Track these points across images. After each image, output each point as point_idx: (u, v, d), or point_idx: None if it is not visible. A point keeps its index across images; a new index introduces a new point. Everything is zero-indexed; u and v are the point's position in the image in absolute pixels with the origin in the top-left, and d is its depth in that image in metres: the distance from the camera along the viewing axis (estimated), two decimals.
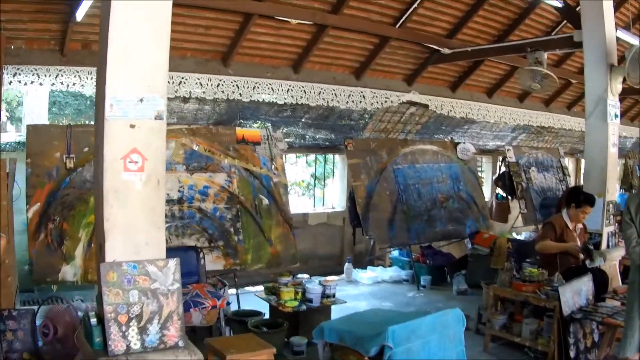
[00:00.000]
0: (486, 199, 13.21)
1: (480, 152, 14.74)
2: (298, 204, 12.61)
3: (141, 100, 4.07)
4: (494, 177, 13.45)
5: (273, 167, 8.40)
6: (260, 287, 7.93)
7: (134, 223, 4.09)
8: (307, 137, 11.21)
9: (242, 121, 9.82)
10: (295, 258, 8.40)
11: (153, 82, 4.14)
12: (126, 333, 3.95)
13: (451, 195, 11.23)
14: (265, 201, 8.24)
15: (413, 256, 10.73)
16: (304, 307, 7.00)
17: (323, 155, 12.34)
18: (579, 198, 7.18)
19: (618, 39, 8.51)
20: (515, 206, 12.44)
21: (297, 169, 13.35)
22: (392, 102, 10.85)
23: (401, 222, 10.20)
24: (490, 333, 6.99)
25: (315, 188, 12.95)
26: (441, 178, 11.19)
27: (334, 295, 7.34)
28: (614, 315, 5.96)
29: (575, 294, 6.19)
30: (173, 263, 4.18)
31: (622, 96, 16.73)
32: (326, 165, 12.57)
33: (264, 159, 8.39)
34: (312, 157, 12.55)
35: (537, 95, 14.20)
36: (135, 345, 3.97)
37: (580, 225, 7.37)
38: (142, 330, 4.00)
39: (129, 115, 4.04)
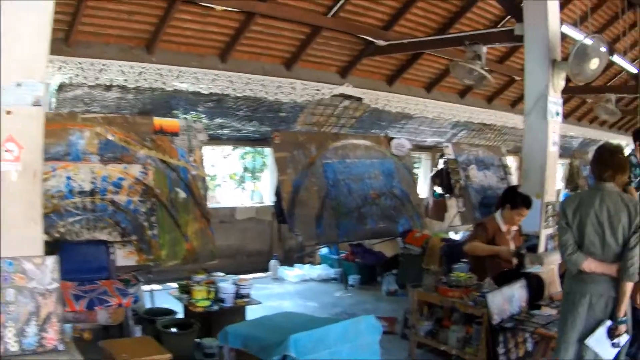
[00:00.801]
0: (424, 197, 13.26)
1: (418, 149, 14.76)
2: (226, 198, 12.48)
3: (19, 85, 3.88)
4: (431, 174, 13.35)
5: (191, 159, 8.16)
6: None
7: (9, 217, 3.85)
8: (237, 129, 11.01)
9: (172, 112, 9.66)
10: (213, 255, 8.20)
11: (32, 65, 3.93)
12: (3, 335, 3.76)
13: (384, 192, 11.08)
14: (182, 194, 8.01)
15: (343, 254, 10.65)
16: (215, 307, 6.80)
17: (257, 149, 12.24)
18: (514, 199, 6.99)
19: (565, 35, 8.48)
20: (453, 204, 12.47)
21: (230, 161, 13.23)
22: (323, 94, 10.72)
23: (330, 219, 10.03)
24: (416, 340, 6.72)
25: (247, 182, 12.85)
26: (373, 174, 11.04)
27: (248, 296, 7.17)
28: (548, 325, 5.77)
29: (506, 300, 6.00)
30: (51, 261, 3.97)
31: (569, 95, 17.13)
32: (260, 159, 12.50)
33: (182, 151, 8.14)
34: (247, 149, 12.43)
35: (479, 91, 14.28)
36: (13, 347, 3.76)
37: (515, 228, 7.18)
38: (20, 332, 3.80)
39: (5, 101, 3.85)
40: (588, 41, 7.42)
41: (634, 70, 12.67)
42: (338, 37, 10.37)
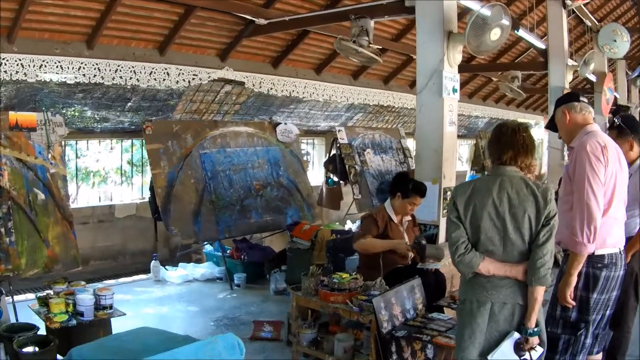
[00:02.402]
0: (317, 185, 13.24)
1: (311, 134, 14.75)
2: (109, 194, 12.18)
3: None
4: (324, 161, 13.32)
5: (50, 156, 7.83)
6: None
7: None
8: (110, 120, 10.61)
9: (36, 105, 9.31)
10: (76, 260, 7.89)
11: None
12: None
13: (269, 182, 10.96)
14: (41, 196, 7.68)
15: (228, 251, 10.42)
16: (74, 321, 6.27)
17: (134, 141, 12.00)
18: (406, 187, 6.72)
19: (463, 6, 8.47)
20: (348, 191, 12.48)
21: (114, 155, 12.89)
22: (201, 79, 10.44)
23: (209, 214, 9.82)
24: (299, 350, 6.32)
25: (134, 177, 12.53)
26: (257, 163, 10.90)
27: (111, 307, 6.59)
28: (448, 332, 5.26)
29: (398, 304, 5.64)
30: None
31: (474, 73, 17.39)
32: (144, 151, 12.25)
33: (39, 148, 7.79)
34: (127, 143, 12.07)
35: (374, 72, 14.34)
36: None
37: (408, 218, 6.96)
38: None
39: None
40: (486, 11, 7.33)
41: (542, 46, 12.83)
42: (215, 17, 10.09)
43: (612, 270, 4.51)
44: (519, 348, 3.90)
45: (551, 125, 5.08)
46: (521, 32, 11.92)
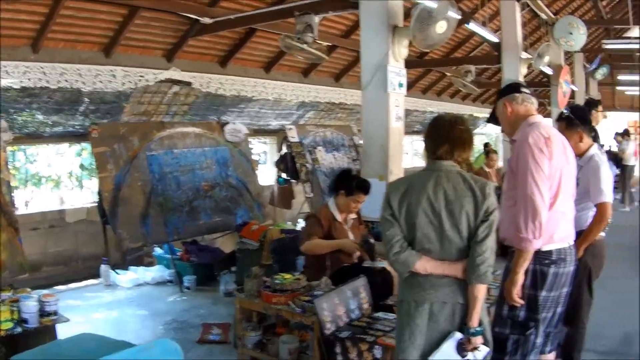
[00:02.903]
0: (269, 184, 13.37)
1: (262, 133, 14.88)
2: (60, 199, 12.14)
3: None
4: (275, 160, 13.42)
5: None
6: None
7: None
8: (59, 124, 10.57)
9: None
10: (23, 267, 7.93)
11: None
12: None
13: (218, 183, 11.04)
14: None
15: (178, 253, 10.50)
16: (19, 329, 6.28)
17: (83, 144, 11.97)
18: (349, 184, 6.66)
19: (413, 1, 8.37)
20: (300, 190, 12.63)
21: (65, 160, 12.87)
22: (147, 81, 10.48)
23: (157, 216, 9.88)
24: (245, 352, 6.32)
25: (86, 180, 12.51)
26: (205, 164, 10.98)
27: (55, 313, 6.59)
28: (393, 332, 4.96)
29: (341, 304, 5.52)
30: None
31: (427, 68, 17.60)
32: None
33: None
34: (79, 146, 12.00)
35: (325, 69, 14.49)
36: None
37: (352, 216, 6.90)
38: None
39: None
40: (432, 4, 7.38)
41: (495, 40, 12.99)
42: (160, 17, 10.13)
43: (561, 266, 4.37)
44: (461, 348, 3.80)
45: (493, 119, 4.99)
46: (472, 26, 12.06)
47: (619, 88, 29.46)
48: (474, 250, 3.75)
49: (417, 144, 22.35)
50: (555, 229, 4.32)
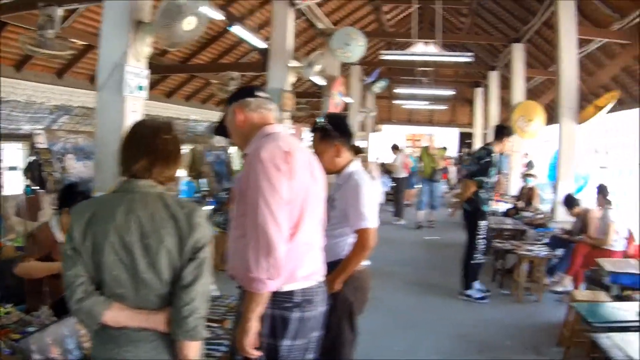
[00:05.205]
0: (16, 193, 12.75)
1: (13, 138, 14.20)
2: None
3: None
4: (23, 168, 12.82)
5: None
6: None
7: None
8: None
9: None
10: None
11: None
12: None
13: None
14: None
15: None
16: None
17: None
18: (75, 202, 5.35)
19: None
20: (47, 200, 12.10)
21: None
22: None
23: None
24: None
25: None
26: None
27: None
28: None
29: (56, 344, 4.38)
30: None
31: (191, 74, 17.34)
32: None
33: None
34: None
35: (81, 71, 14.00)
36: None
37: None
38: None
39: None
40: None
41: (262, 46, 13.05)
42: None
43: (307, 309, 3.66)
44: None
45: (221, 130, 4.11)
46: (236, 29, 12.01)
47: (395, 102, 30.70)
48: (179, 298, 2.96)
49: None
50: (298, 265, 3.59)
